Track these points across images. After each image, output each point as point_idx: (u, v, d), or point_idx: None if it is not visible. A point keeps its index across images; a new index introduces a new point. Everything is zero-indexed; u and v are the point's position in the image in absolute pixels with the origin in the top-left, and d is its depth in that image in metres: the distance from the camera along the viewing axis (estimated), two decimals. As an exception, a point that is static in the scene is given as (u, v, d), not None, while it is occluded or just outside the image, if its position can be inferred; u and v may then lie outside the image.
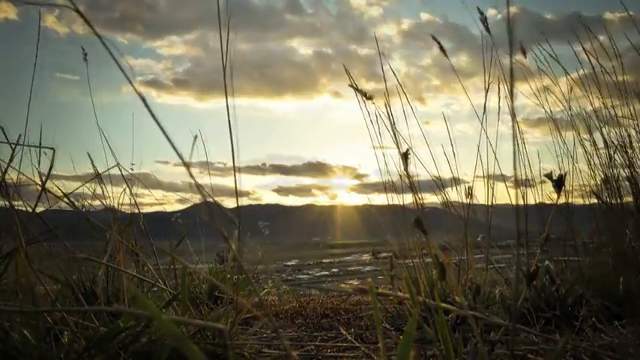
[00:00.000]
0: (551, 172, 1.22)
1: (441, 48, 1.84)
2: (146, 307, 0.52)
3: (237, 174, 1.38)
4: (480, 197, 2.22)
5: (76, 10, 0.64)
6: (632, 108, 2.22)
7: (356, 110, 2.01)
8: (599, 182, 2.22)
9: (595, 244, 2.17)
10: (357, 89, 1.67)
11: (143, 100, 0.62)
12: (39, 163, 1.80)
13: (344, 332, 1.70)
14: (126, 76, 0.63)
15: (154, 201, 2.66)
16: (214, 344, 1.39)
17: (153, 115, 0.63)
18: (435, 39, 1.82)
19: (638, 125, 2.16)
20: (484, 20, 1.73)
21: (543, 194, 2.32)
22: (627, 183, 2.10)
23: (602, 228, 2.15)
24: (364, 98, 1.68)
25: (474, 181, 2.21)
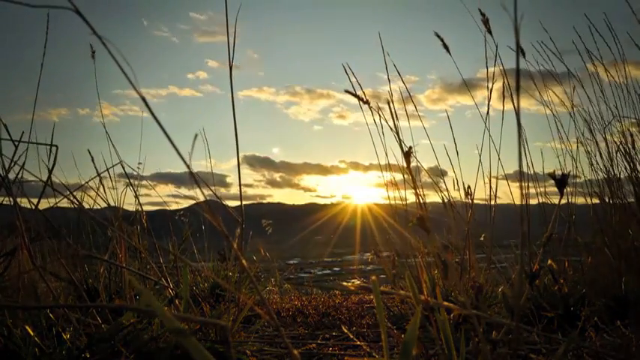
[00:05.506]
0: (554, 172, 1.21)
1: (444, 45, 1.84)
2: (150, 302, 0.52)
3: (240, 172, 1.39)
4: (482, 196, 2.22)
5: (76, 11, 0.64)
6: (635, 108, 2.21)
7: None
8: (601, 182, 2.21)
9: (597, 244, 2.16)
10: (354, 95, 1.68)
11: (144, 101, 0.62)
12: (49, 159, 1.80)
13: (346, 331, 1.70)
14: (127, 77, 0.63)
15: (158, 199, 2.67)
16: (216, 342, 1.39)
17: (154, 116, 0.63)
18: (437, 35, 1.81)
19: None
20: (486, 22, 1.72)
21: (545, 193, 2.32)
22: (629, 183, 2.09)
23: (605, 228, 2.14)
24: (361, 103, 1.70)
25: (476, 180, 2.20)
